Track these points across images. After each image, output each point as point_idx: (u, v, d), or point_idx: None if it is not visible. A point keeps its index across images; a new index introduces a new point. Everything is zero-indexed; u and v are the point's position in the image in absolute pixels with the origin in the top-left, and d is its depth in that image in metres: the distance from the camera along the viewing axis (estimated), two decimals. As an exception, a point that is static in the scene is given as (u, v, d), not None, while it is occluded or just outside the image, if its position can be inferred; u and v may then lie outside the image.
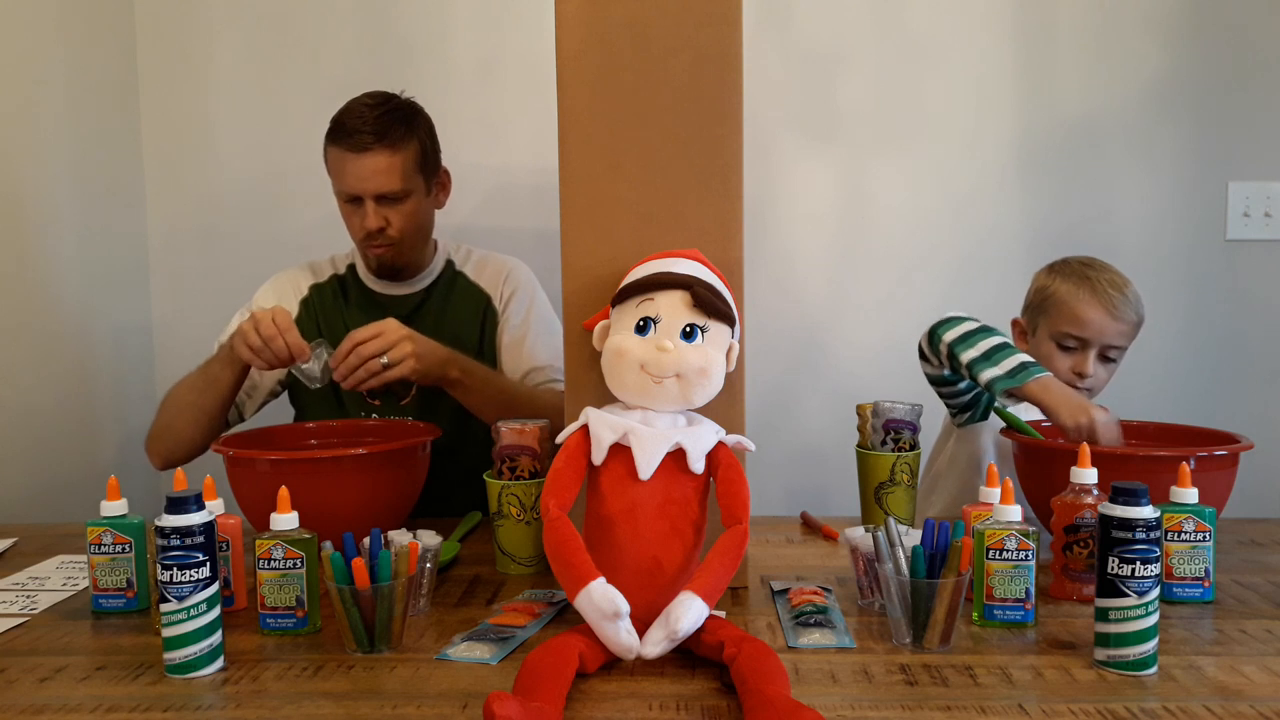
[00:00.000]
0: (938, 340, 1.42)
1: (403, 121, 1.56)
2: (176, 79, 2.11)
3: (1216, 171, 2.10)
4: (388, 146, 1.53)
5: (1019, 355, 1.35)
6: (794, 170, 2.12)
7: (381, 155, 1.53)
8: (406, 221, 1.59)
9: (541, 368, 1.63)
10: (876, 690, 0.87)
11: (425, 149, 1.60)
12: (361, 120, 1.53)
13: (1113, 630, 0.90)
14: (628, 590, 0.89)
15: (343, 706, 0.85)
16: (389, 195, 1.55)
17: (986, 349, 1.36)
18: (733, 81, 1.08)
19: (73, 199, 1.91)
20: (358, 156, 1.53)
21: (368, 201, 1.55)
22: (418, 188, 1.59)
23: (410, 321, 1.62)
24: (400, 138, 1.55)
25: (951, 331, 1.40)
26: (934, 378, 1.54)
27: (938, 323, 1.44)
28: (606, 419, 0.97)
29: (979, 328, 1.40)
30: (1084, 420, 1.26)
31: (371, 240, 1.58)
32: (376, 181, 1.54)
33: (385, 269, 1.64)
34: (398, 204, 1.57)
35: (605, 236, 1.09)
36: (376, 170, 1.53)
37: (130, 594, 1.09)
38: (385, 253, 1.60)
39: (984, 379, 1.33)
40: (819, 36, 2.09)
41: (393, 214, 1.57)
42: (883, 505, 1.32)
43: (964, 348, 1.37)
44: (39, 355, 1.82)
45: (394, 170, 1.54)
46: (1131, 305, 1.54)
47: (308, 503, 1.04)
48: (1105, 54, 2.09)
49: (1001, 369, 1.33)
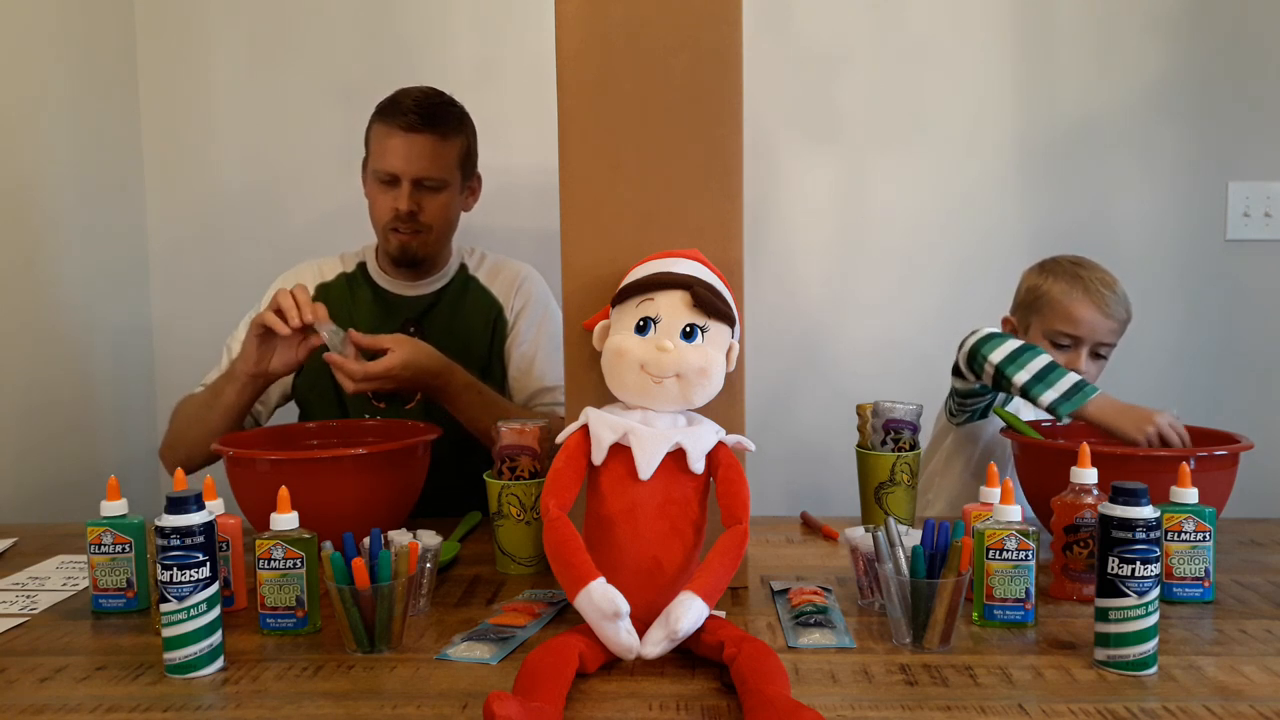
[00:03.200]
0: (981, 360, 1.40)
1: (455, 115, 1.60)
2: (176, 79, 2.11)
3: (1216, 171, 2.10)
4: (437, 132, 1.55)
5: (1069, 375, 1.34)
6: (794, 170, 2.12)
7: (429, 139, 1.55)
8: (439, 212, 1.60)
9: (550, 389, 1.63)
10: (876, 690, 0.87)
11: (468, 148, 1.62)
12: (417, 103, 1.55)
13: (1113, 630, 0.90)
14: (628, 590, 0.89)
15: (343, 706, 0.85)
16: (427, 181, 1.56)
17: (1038, 370, 1.35)
18: (733, 81, 1.08)
19: (73, 199, 1.91)
20: (406, 135, 1.53)
21: (404, 183, 1.55)
22: (455, 182, 1.61)
23: (420, 323, 1.62)
24: (451, 129, 1.58)
25: (996, 351, 1.38)
26: (967, 391, 1.54)
27: (978, 341, 1.41)
28: (606, 419, 0.97)
29: (1022, 346, 1.38)
30: (1151, 430, 1.29)
31: (399, 224, 1.57)
32: (420, 164, 1.55)
33: (407, 257, 1.62)
34: (434, 193, 1.58)
35: (605, 236, 1.09)
36: (422, 153, 1.54)
37: (130, 594, 1.09)
38: (411, 240, 1.59)
39: (1044, 402, 1.33)
40: (819, 36, 2.09)
41: (427, 201, 1.58)
42: (883, 505, 1.32)
43: (1013, 369, 1.36)
44: (39, 355, 1.82)
45: (439, 157, 1.56)
46: (1121, 303, 1.57)
47: (308, 503, 1.04)
48: (1105, 54, 2.09)
49: (1057, 391, 1.33)
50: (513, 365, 1.65)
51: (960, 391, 1.55)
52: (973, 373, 1.44)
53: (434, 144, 1.55)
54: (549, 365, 1.64)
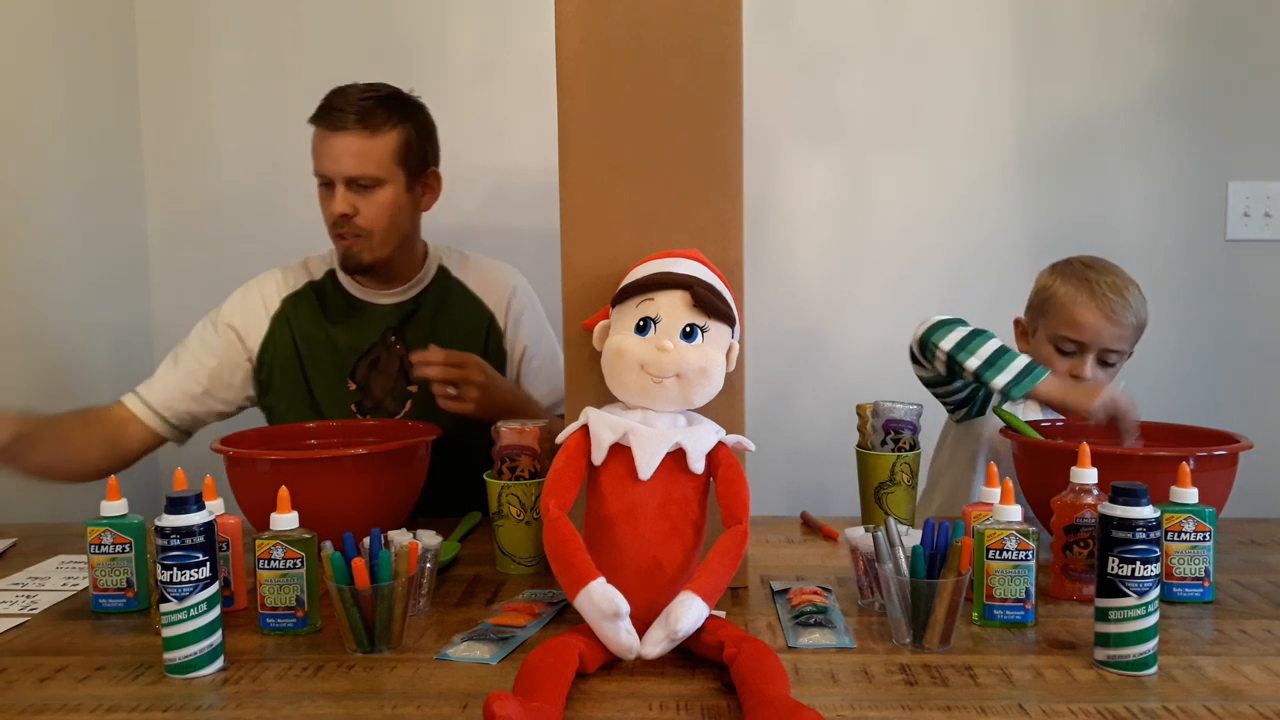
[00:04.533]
0: (932, 347, 1.41)
1: (388, 109, 1.52)
2: (176, 79, 2.11)
3: (1216, 171, 2.10)
4: (365, 129, 1.49)
5: (1020, 357, 1.36)
6: (794, 170, 2.12)
7: (355, 137, 1.49)
8: (378, 213, 1.52)
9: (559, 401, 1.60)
10: (876, 690, 0.87)
11: (409, 142, 1.54)
12: (345, 100, 1.50)
13: (1113, 630, 0.90)
14: (628, 590, 0.89)
15: (343, 706, 0.85)
16: (359, 180, 1.50)
17: (988, 355, 1.36)
18: (733, 81, 1.08)
19: (73, 198, 1.91)
20: (331, 135, 1.49)
21: (338, 185, 1.50)
22: (394, 180, 1.53)
23: (401, 331, 1.60)
24: (380, 123, 1.50)
25: (946, 338, 1.39)
26: (928, 380, 1.53)
27: (928, 329, 1.42)
28: (606, 419, 0.97)
29: (972, 332, 1.40)
30: (1098, 405, 1.30)
31: (338, 228, 1.53)
32: (346, 163, 1.49)
33: (351, 262, 1.56)
34: (369, 192, 1.51)
35: (605, 236, 1.09)
36: (347, 151, 1.49)
37: (130, 594, 1.09)
38: (352, 244, 1.53)
39: (997, 386, 1.34)
40: (819, 36, 2.10)
41: (363, 202, 1.51)
42: (883, 505, 1.32)
43: (964, 354, 1.37)
44: (39, 355, 1.82)
45: (367, 154, 1.49)
46: (1132, 309, 1.52)
47: (308, 503, 1.04)
48: (1105, 54, 2.09)
49: (1009, 374, 1.34)
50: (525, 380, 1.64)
51: (924, 380, 1.54)
52: (927, 360, 1.44)
53: (361, 141, 1.49)
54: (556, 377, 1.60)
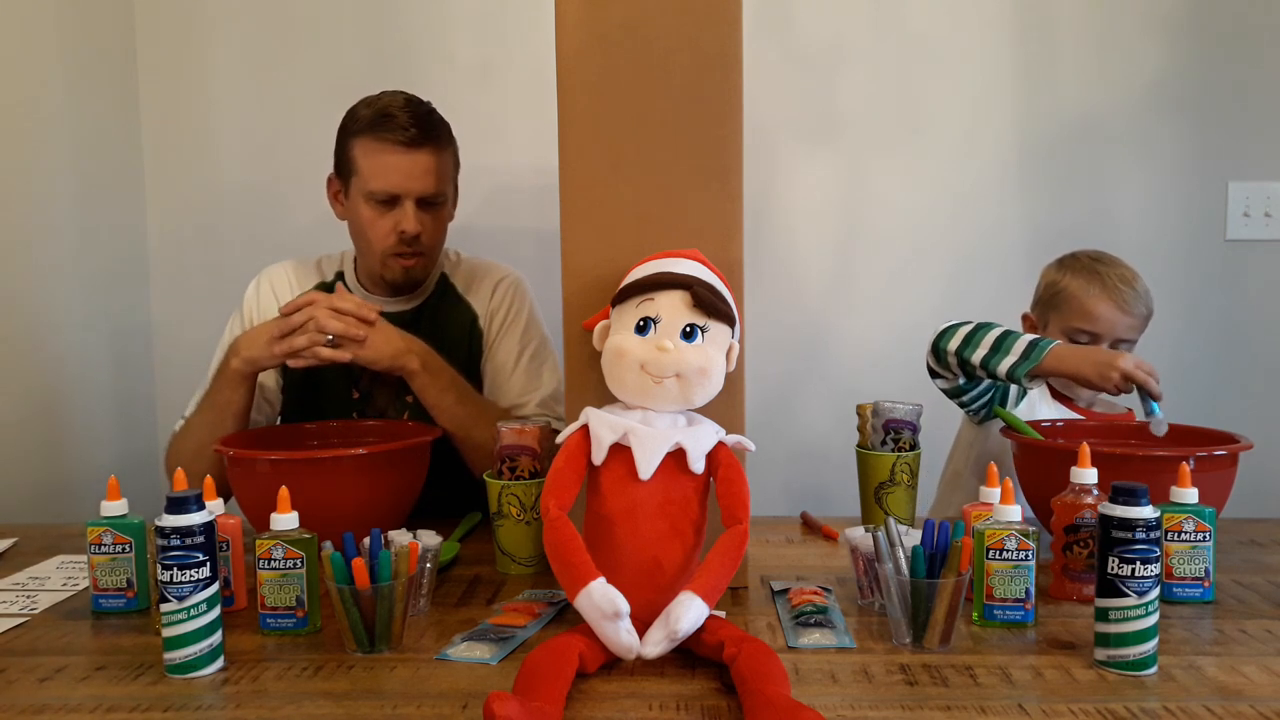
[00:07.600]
0: (943, 354, 1.42)
1: (443, 124, 1.50)
2: (176, 79, 2.11)
3: (1216, 171, 2.10)
4: (435, 146, 1.46)
5: (1024, 336, 1.36)
6: (794, 170, 2.12)
7: (430, 154, 1.45)
8: (439, 230, 1.51)
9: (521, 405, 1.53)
10: (876, 690, 0.87)
11: (457, 158, 1.54)
12: (410, 115, 1.44)
13: (1113, 630, 0.90)
14: (628, 590, 0.89)
15: (343, 706, 0.85)
16: (430, 198, 1.46)
17: (991, 343, 1.37)
18: (733, 81, 1.08)
19: (72, 199, 1.91)
20: (407, 152, 1.43)
21: (408, 203, 1.44)
22: (451, 197, 1.53)
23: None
24: (444, 140, 1.49)
25: (952, 340, 1.41)
26: (950, 391, 1.54)
27: (936, 338, 1.44)
28: (606, 419, 0.97)
29: (975, 327, 1.41)
30: (1115, 374, 1.29)
31: (404, 247, 1.47)
32: (425, 181, 1.45)
33: (411, 282, 1.52)
34: (434, 209, 1.48)
35: (605, 236, 1.09)
36: (427, 169, 1.44)
37: (130, 594, 1.09)
38: (415, 264, 1.49)
39: (1002, 371, 1.34)
40: (819, 36, 2.09)
41: (428, 220, 1.47)
42: (883, 505, 1.32)
43: (970, 350, 1.38)
44: (39, 355, 1.82)
45: (441, 172, 1.47)
46: (1141, 299, 1.56)
47: (308, 503, 1.04)
48: (1105, 54, 2.09)
49: (1014, 355, 1.34)
50: (488, 379, 1.56)
51: (948, 393, 1.55)
52: (945, 369, 1.45)
53: (435, 158, 1.46)
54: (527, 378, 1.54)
